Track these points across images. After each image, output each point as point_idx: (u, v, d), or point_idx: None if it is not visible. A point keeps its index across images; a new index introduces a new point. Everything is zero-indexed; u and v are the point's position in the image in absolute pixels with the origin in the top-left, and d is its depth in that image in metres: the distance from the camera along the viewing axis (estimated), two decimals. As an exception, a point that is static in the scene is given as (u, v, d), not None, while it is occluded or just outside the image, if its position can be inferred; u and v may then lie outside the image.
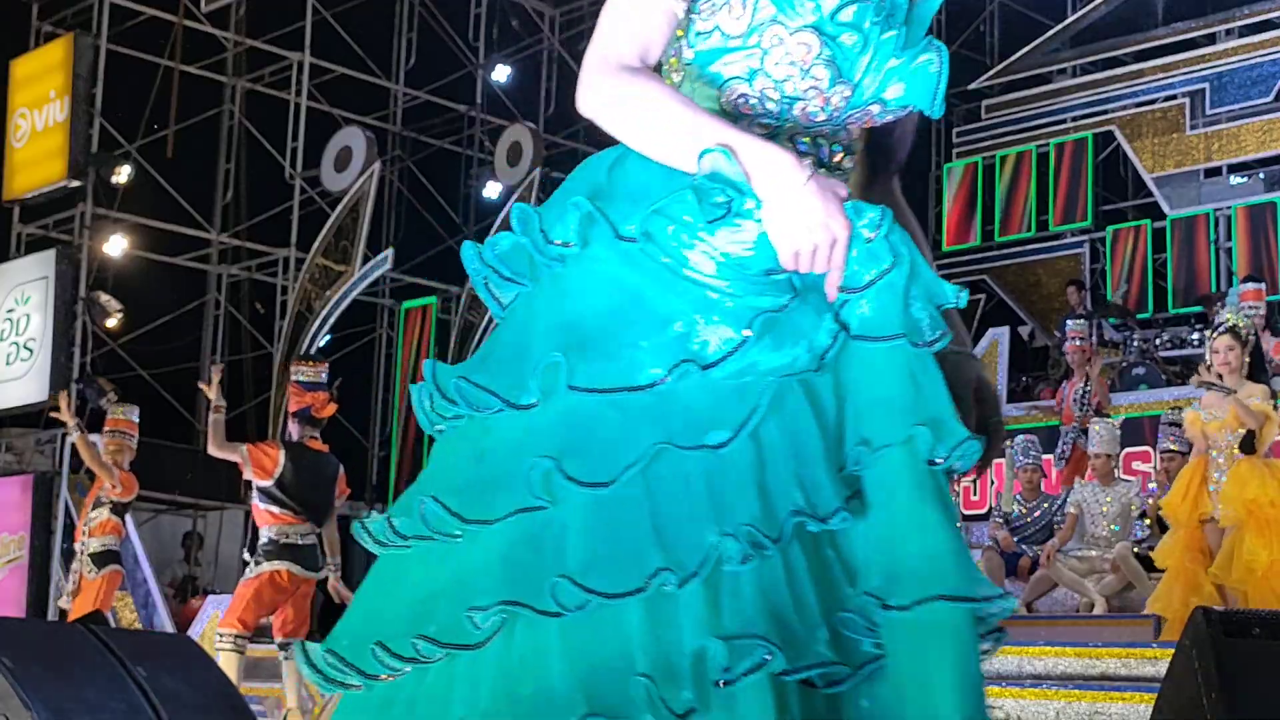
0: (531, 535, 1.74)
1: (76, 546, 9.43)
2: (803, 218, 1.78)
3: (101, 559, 9.30)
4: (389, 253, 14.66)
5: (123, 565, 9.70)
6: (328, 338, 14.65)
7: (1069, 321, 11.76)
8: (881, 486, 1.77)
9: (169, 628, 11.12)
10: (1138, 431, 11.23)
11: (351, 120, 15.52)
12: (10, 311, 14.25)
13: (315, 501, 8.45)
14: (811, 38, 1.87)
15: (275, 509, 8.25)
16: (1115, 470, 9.70)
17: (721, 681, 1.63)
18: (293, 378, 8.71)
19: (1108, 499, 9.18)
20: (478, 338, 14.67)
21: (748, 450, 1.75)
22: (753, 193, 1.80)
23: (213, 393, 8.33)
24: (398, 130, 16.98)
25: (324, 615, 10.86)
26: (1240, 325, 7.32)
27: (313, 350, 14.17)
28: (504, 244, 1.88)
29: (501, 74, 17.03)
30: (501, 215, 15.16)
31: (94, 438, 11.90)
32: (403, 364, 14.84)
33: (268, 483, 8.24)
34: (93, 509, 9.40)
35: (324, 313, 14.30)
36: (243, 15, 15.40)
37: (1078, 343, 11.25)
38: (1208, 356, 7.54)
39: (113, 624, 10.26)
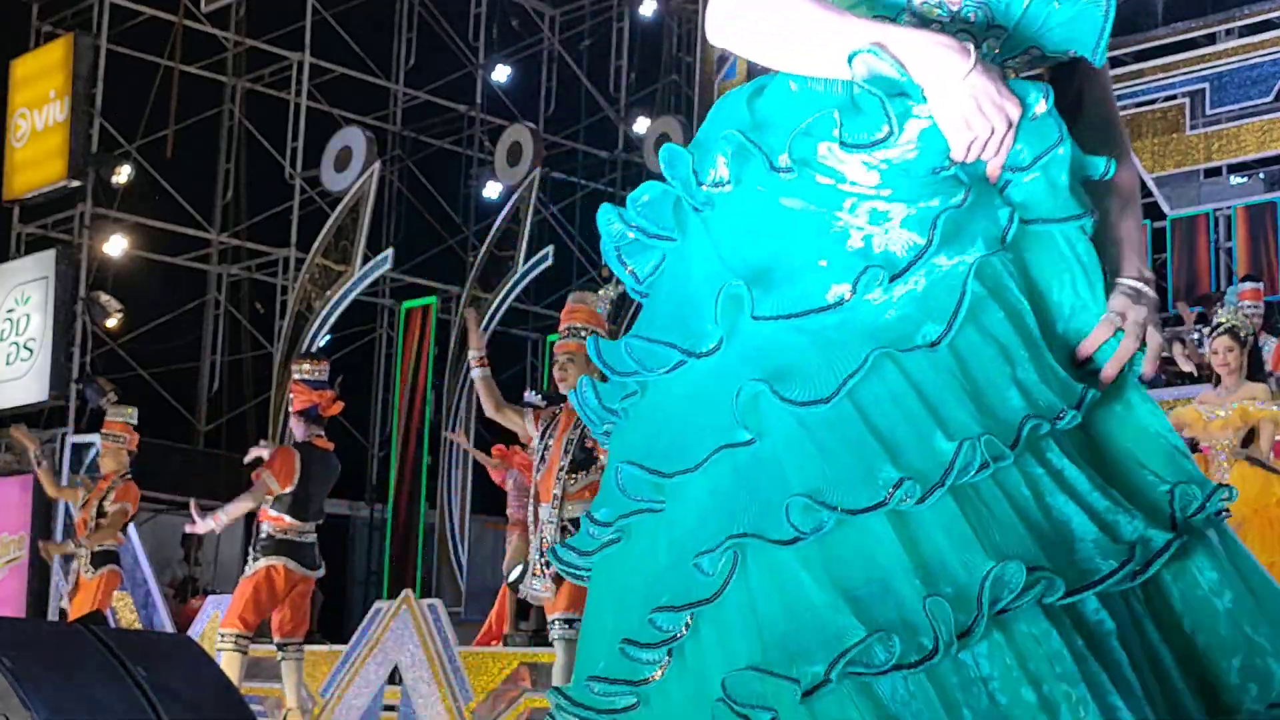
0: (741, 474, 1.63)
1: (80, 544, 9.43)
2: (975, 103, 1.65)
3: (100, 559, 9.31)
4: (389, 253, 14.66)
5: (121, 566, 9.70)
6: (328, 338, 14.64)
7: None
8: (1115, 387, 1.72)
9: (169, 628, 11.12)
10: (1138, 431, 11.23)
11: (351, 120, 15.53)
12: (10, 311, 14.25)
13: (320, 502, 8.48)
14: None
15: (287, 516, 8.23)
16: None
17: (1000, 608, 1.51)
18: (296, 376, 8.68)
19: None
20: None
21: (948, 358, 1.63)
22: (915, 88, 1.67)
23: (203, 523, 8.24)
24: (398, 130, 16.98)
25: (324, 615, 10.87)
26: (1239, 325, 7.32)
27: (313, 350, 14.17)
28: (650, 193, 1.78)
29: (501, 74, 17.03)
30: (502, 215, 15.17)
31: (93, 437, 11.95)
32: (403, 364, 14.83)
33: (288, 490, 8.22)
34: (97, 515, 9.40)
35: (324, 313, 14.30)
36: (243, 15, 15.41)
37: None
38: (1207, 357, 7.53)
39: (113, 624, 10.26)
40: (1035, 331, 1.68)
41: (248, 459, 9.01)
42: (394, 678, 9.12)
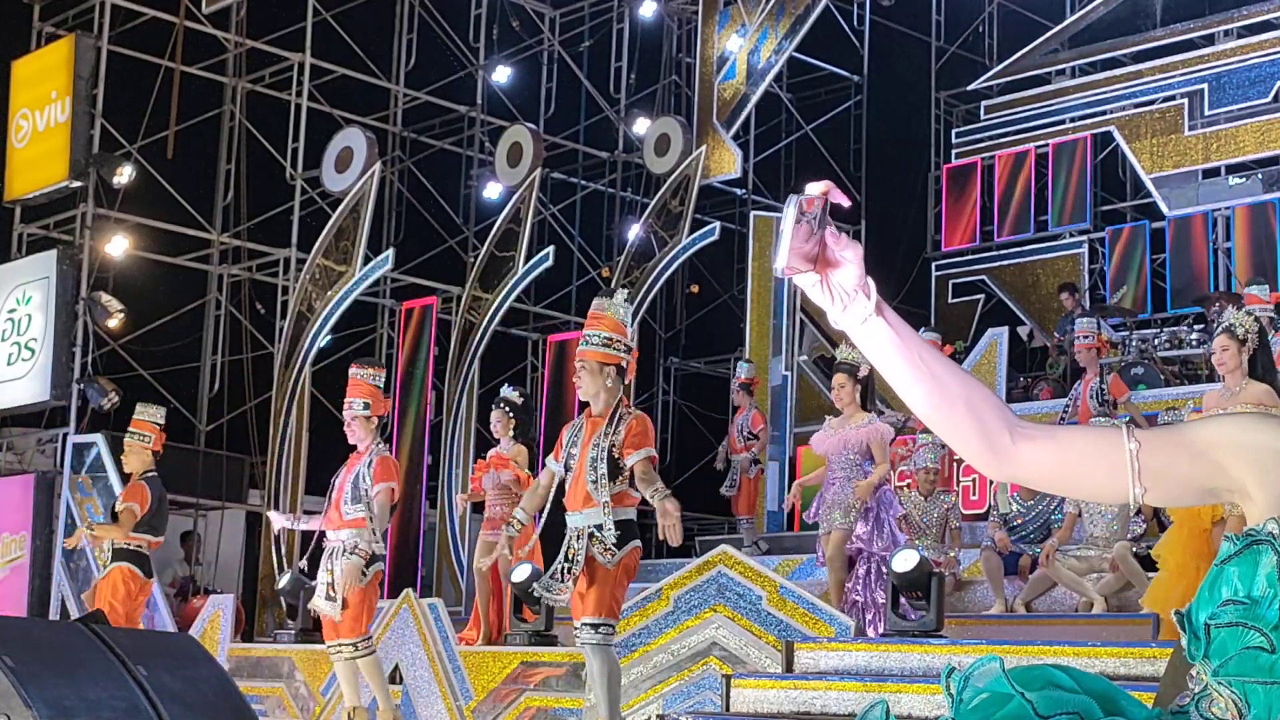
0: None
1: (100, 547, 9.41)
2: None
3: (114, 556, 9.40)
4: (389, 253, 14.67)
5: (138, 565, 9.69)
6: (328, 338, 14.66)
7: (1079, 320, 11.74)
8: None
9: (170, 628, 11.15)
10: (1136, 431, 11.23)
11: (352, 121, 15.54)
12: (12, 311, 14.27)
13: None
14: None
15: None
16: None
17: None
18: (370, 380, 8.63)
19: (1107, 499, 9.16)
20: (478, 338, 14.68)
21: None
22: None
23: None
24: (398, 131, 17.00)
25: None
26: (1235, 324, 7.27)
27: (312, 351, 14.18)
28: None
29: (502, 75, 17.04)
30: (502, 215, 15.18)
31: (95, 437, 11.96)
32: (403, 364, 14.85)
33: None
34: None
35: (324, 313, 14.32)
36: (243, 16, 15.41)
37: (1088, 340, 11.20)
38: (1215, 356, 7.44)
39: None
40: None
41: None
42: (395, 677, 9.15)
